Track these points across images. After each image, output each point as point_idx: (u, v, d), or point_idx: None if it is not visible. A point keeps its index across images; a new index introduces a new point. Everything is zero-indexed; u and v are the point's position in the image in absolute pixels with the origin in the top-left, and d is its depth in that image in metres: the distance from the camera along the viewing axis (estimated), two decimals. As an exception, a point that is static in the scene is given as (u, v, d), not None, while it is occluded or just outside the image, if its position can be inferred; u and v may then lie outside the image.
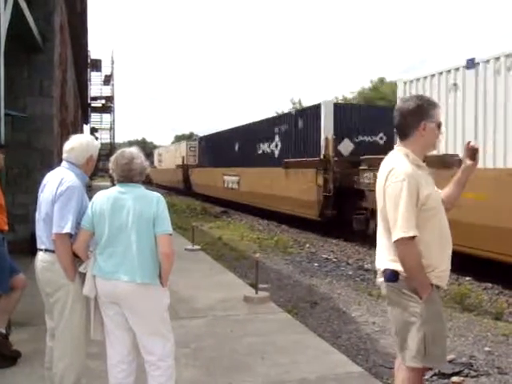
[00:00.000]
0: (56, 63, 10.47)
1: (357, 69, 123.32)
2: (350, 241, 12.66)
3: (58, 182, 3.22)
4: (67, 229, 3.10)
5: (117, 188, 3.15)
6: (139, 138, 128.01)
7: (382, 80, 51.45)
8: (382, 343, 5.25)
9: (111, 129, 38.68)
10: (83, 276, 3.17)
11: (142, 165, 3.18)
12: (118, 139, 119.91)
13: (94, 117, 38.58)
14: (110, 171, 3.19)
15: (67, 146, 3.40)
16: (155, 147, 67.78)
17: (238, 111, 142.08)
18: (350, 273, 8.95)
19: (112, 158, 3.19)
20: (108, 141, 40.05)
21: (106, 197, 3.12)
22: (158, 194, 3.15)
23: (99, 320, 3.20)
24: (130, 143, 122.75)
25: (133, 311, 3.06)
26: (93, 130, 39.60)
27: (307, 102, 20.40)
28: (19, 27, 7.57)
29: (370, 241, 11.89)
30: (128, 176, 3.12)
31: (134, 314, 3.07)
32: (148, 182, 36.60)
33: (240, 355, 4.46)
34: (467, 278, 8.31)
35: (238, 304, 6.08)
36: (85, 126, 38.24)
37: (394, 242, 2.59)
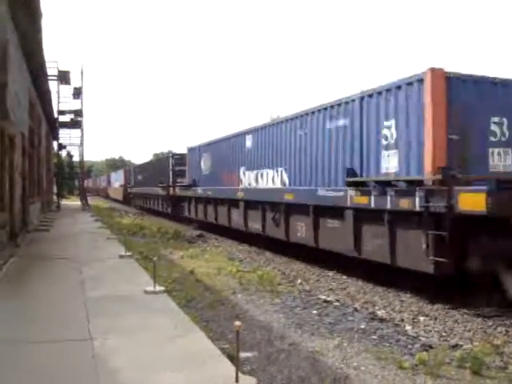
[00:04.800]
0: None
1: (334, 85, 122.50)
2: (349, 274, 10.46)
3: None
4: None
5: None
6: (116, 157, 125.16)
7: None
8: None
9: (81, 144, 36.13)
10: None
11: None
12: (96, 157, 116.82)
13: (63, 132, 36.05)
14: None
15: None
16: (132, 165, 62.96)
17: (217, 128, 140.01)
18: (363, 326, 6.67)
19: None
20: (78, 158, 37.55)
21: None
22: None
23: None
24: (107, 161, 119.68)
25: None
26: (61, 147, 37.13)
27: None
28: None
29: (375, 274, 9.75)
30: None
31: None
32: None
33: None
34: None
35: (208, 403, 3.80)
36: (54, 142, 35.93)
37: None
